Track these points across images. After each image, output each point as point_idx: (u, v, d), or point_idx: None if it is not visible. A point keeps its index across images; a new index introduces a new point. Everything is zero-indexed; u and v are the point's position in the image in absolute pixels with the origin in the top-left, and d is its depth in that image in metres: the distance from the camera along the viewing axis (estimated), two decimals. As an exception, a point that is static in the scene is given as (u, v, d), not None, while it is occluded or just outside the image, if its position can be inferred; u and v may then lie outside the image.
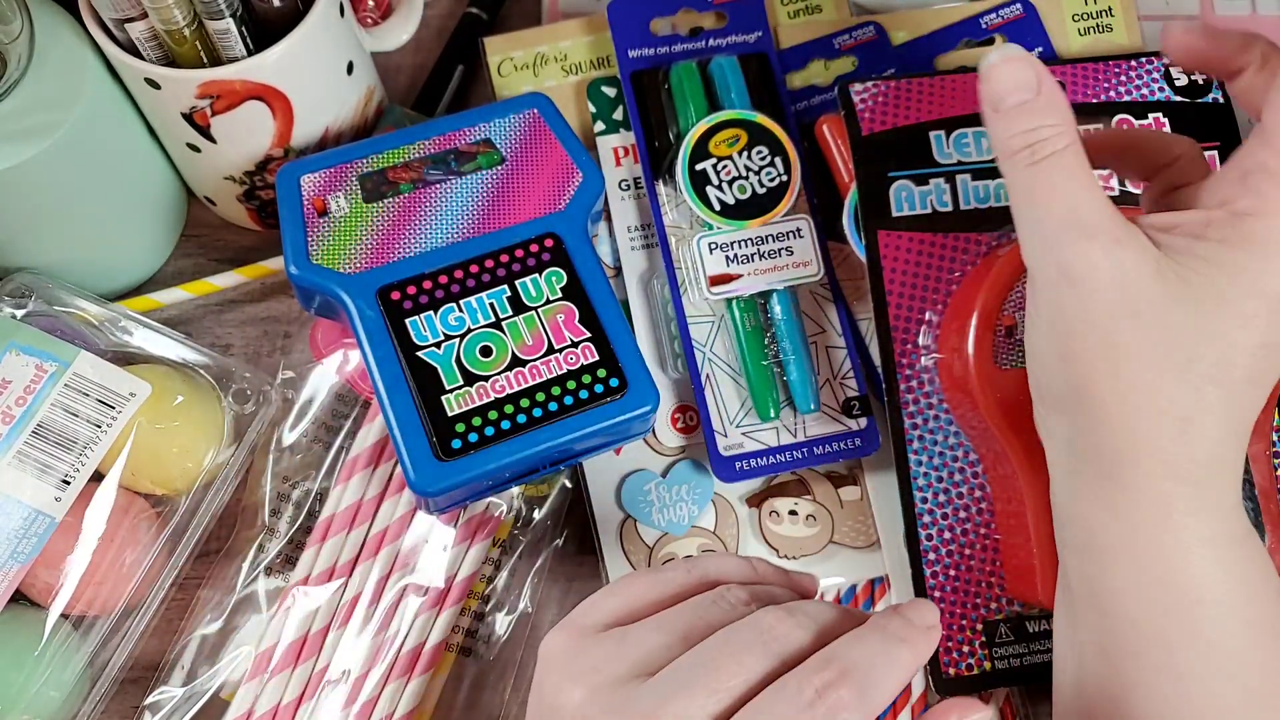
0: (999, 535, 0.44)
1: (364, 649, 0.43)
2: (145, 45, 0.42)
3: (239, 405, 0.45)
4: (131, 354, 0.45)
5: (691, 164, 0.46)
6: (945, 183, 0.45)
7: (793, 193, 0.46)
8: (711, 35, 0.49)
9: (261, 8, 0.43)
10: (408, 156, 0.43)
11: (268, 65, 0.42)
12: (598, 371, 0.40)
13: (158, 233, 0.51)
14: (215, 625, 0.43)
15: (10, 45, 0.40)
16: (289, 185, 0.43)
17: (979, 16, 0.50)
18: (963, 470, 0.44)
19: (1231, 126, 0.47)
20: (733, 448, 0.45)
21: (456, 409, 0.39)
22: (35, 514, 0.41)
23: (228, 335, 0.50)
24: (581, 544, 0.47)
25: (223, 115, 0.44)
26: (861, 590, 0.45)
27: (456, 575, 0.44)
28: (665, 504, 0.45)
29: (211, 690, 0.42)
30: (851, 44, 0.50)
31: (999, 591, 0.44)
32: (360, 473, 0.44)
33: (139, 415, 0.43)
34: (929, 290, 0.45)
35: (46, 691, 0.41)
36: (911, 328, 0.45)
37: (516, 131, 0.44)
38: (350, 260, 0.41)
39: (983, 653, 0.43)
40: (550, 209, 0.43)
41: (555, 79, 0.50)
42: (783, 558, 0.45)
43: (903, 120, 0.46)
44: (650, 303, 0.47)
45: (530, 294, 0.41)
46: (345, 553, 0.43)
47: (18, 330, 0.43)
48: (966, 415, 0.43)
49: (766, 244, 0.46)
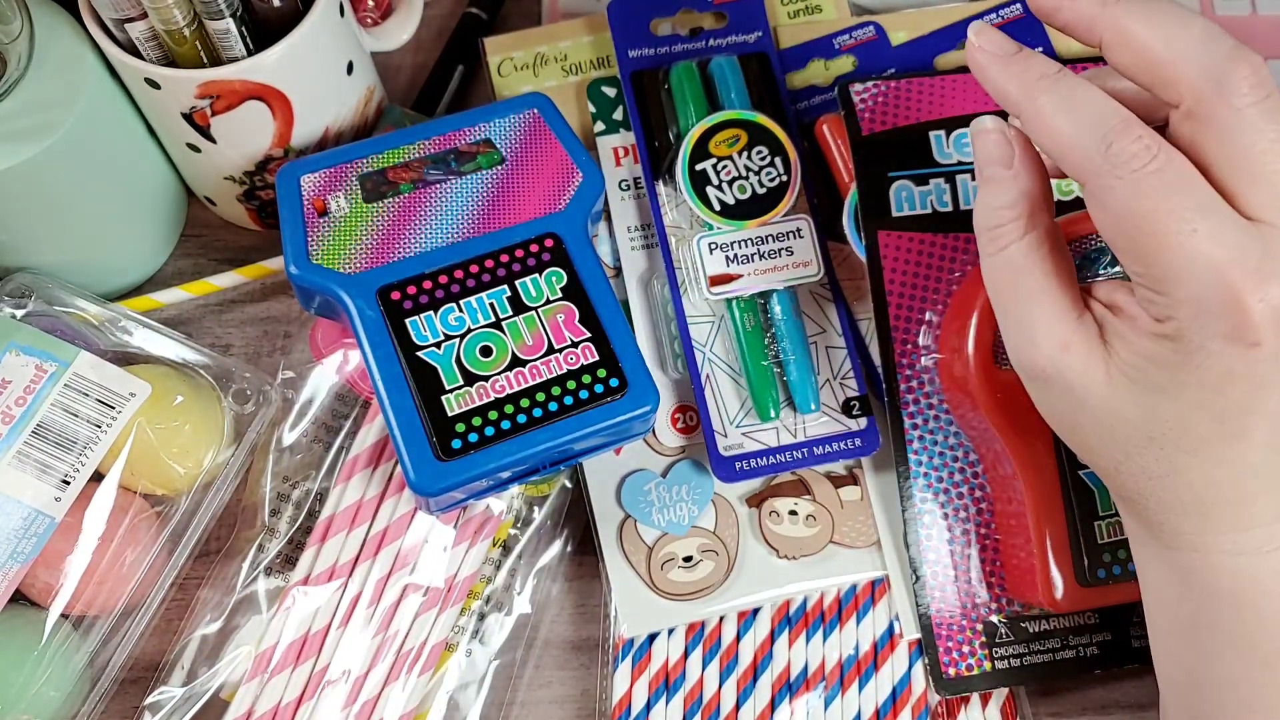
0: (999, 535, 0.44)
1: (364, 649, 0.43)
2: (145, 45, 0.42)
3: (239, 405, 0.45)
4: (131, 354, 0.45)
5: (691, 164, 0.46)
6: (945, 183, 0.45)
7: (793, 193, 0.46)
8: (711, 35, 0.49)
9: (261, 8, 0.43)
10: (408, 156, 0.43)
11: (268, 65, 0.42)
12: (598, 371, 0.40)
13: (158, 233, 0.51)
14: (215, 625, 0.43)
15: (10, 45, 0.40)
16: (289, 185, 0.42)
17: (979, 17, 0.50)
18: (963, 470, 0.44)
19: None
20: (733, 448, 0.45)
21: (456, 409, 0.39)
22: (35, 514, 0.41)
23: (228, 335, 0.50)
24: (581, 544, 0.47)
25: (223, 115, 0.44)
26: (861, 590, 0.45)
27: (456, 575, 0.44)
28: (665, 504, 0.45)
29: (211, 690, 0.42)
30: (851, 44, 0.50)
31: (999, 591, 0.44)
32: (360, 473, 0.44)
33: (139, 415, 0.43)
34: (929, 290, 0.45)
35: (46, 691, 0.41)
36: (911, 328, 0.45)
37: (516, 131, 0.44)
38: (350, 260, 0.41)
39: (983, 653, 0.43)
40: (550, 209, 0.43)
41: (555, 79, 0.50)
42: (783, 558, 0.45)
43: (903, 120, 0.46)
44: (650, 303, 0.47)
45: (530, 294, 0.41)
46: (345, 553, 0.43)
47: (18, 330, 0.43)
48: (966, 415, 0.43)
49: (766, 244, 0.46)
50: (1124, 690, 0.45)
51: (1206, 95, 0.31)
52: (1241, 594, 0.33)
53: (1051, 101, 0.32)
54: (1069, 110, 0.32)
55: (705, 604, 0.44)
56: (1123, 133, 0.31)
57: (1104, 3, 0.32)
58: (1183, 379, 0.31)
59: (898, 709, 0.44)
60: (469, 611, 0.44)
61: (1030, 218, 0.34)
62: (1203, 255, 0.30)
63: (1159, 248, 0.30)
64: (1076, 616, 0.44)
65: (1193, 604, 0.34)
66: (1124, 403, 0.33)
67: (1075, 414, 0.34)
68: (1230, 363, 0.31)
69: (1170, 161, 0.30)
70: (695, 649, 0.44)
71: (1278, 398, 0.31)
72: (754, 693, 0.44)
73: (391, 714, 0.42)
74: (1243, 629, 0.33)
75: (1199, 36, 0.31)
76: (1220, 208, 0.30)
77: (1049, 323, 0.34)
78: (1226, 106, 0.30)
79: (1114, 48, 0.32)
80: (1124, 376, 0.33)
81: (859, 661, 0.44)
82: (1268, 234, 0.30)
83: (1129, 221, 0.31)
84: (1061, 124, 0.32)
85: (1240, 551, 0.33)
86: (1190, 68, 0.31)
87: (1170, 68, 0.31)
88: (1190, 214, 0.30)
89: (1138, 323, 0.32)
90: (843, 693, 0.44)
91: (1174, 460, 0.33)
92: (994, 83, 0.34)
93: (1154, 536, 0.35)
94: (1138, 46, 0.32)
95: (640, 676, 0.44)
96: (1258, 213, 0.30)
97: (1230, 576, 0.33)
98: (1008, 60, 0.33)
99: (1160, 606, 0.36)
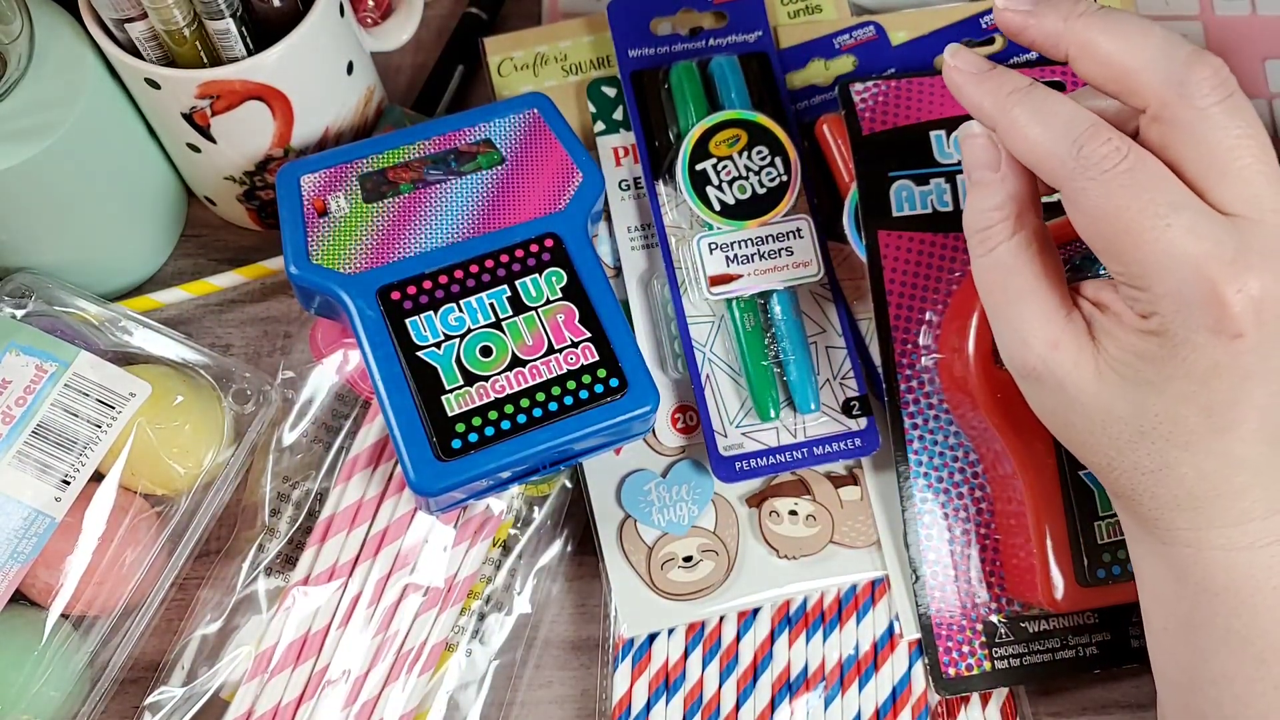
0: (999, 535, 0.44)
1: (364, 649, 0.43)
2: (145, 45, 0.42)
3: (239, 405, 0.45)
4: (131, 354, 0.45)
5: (691, 164, 0.46)
6: (945, 183, 0.45)
7: (793, 193, 0.46)
8: (711, 35, 0.49)
9: (261, 8, 0.43)
10: (408, 156, 0.43)
11: (268, 65, 0.42)
12: (598, 371, 0.40)
13: (158, 233, 0.51)
14: (215, 625, 0.43)
15: (10, 45, 0.40)
16: (289, 185, 0.42)
17: (979, 16, 0.50)
18: (963, 470, 0.44)
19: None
20: (733, 448, 0.45)
21: (456, 409, 0.39)
22: (35, 514, 0.41)
23: (228, 335, 0.50)
24: (581, 544, 0.47)
25: (223, 115, 0.44)
26: (861, 590, 0.45)
27: (456, 575, 0.44)
28: (665, 504, 0.45)
29: (211, 690, 0.42)
30: (851, 44, 0.50)
31: (999, 591, 0.44)
32: (360, 473, 0.44)
33: (139, 415, 0.43)
34: (929, 290, 0.45)
35: (46, 691, 0.41)
36: (911, 328, 0.45)
37: (516, 131, 0.44)
38: (350, 260, 0.41)
39: (983, 653, 0.43)
40: (550, 209, 0.43)
41: (555, 79, 0.50)
42: (783, 558, 0.45)
43: (903, 120, 0.46)
44: (650, 303, 0.47)
45: (530, 294, 0.41)
46: (345, 553, 0.43)
47: (18, 330, 0.43)
48: (966, 415, 0.43)
49: (766, 244, 0.46)
50: (1123, 690, 0.45)
51: (1170, 99, 0.32)
52: (1235, 590, 0.33)
53: (1024, 113, 0.33)
54: (1041, 120, 0.33)
55: (705, 604, 0.44)
56: (1092, 136, 0.32)
57: (1066, 17, 0.33)
58: (1169, 373, 0.32)
59: (898, 709, 0.44)
60: (469, 611, 0.44)
61: (1018, 219, 0.35)
62: (1179, 249, 0.30)
63: (1135, 244, 0.31)
64: (1076, 616, 0.44)
65: (1188, 601, 0.34)
66: (1114, 398, 0.33)
67: (1067, 412, 0.35)
68: (1215, 355, 0.31)
69: (1141, 160, 0.31)
70: (695, 649, 0.44)
71: (1263, 389, 0.32)
72: (754, 693, 0.44)
73: (391, 714, 0.42)
74: (1237, 625, 0.33)
75: (1159, 44, 0.32)
76: (1193, 202, 0.31)
77: (1038, 321, 0.34)
78: (1190, 108, 0.31)
79: (1080, 60, 0.33)
80: (1113, 372, 0.33)
81: (859, 661, 0.44)
82: (1242, 226, 0.31)
83: (1104, 222, 0.31)
84: (1035, 133, 0.33)
85: (1233, 547, 0.33)
86: (1153, 74, 0.32)
87: (1134, 75, 0.32)
88: (1164, 209, 0.31)
89: (1123, 319, 0.33)
90: (843, 693, 0.44)
91: (1165, 454, 0.33)
92: (970, 99, 0.35)
93: (1149, 533, 0.35)
94: (1101, 57, 0.33)
95: (640, 676, 0.44)
96: (1230, 206, 0.31)
97: (1224, 572, 0.33)
98: (982, 77, 0.35)
99: (1156, 603, 0.36)
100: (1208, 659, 0.34)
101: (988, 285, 0.36)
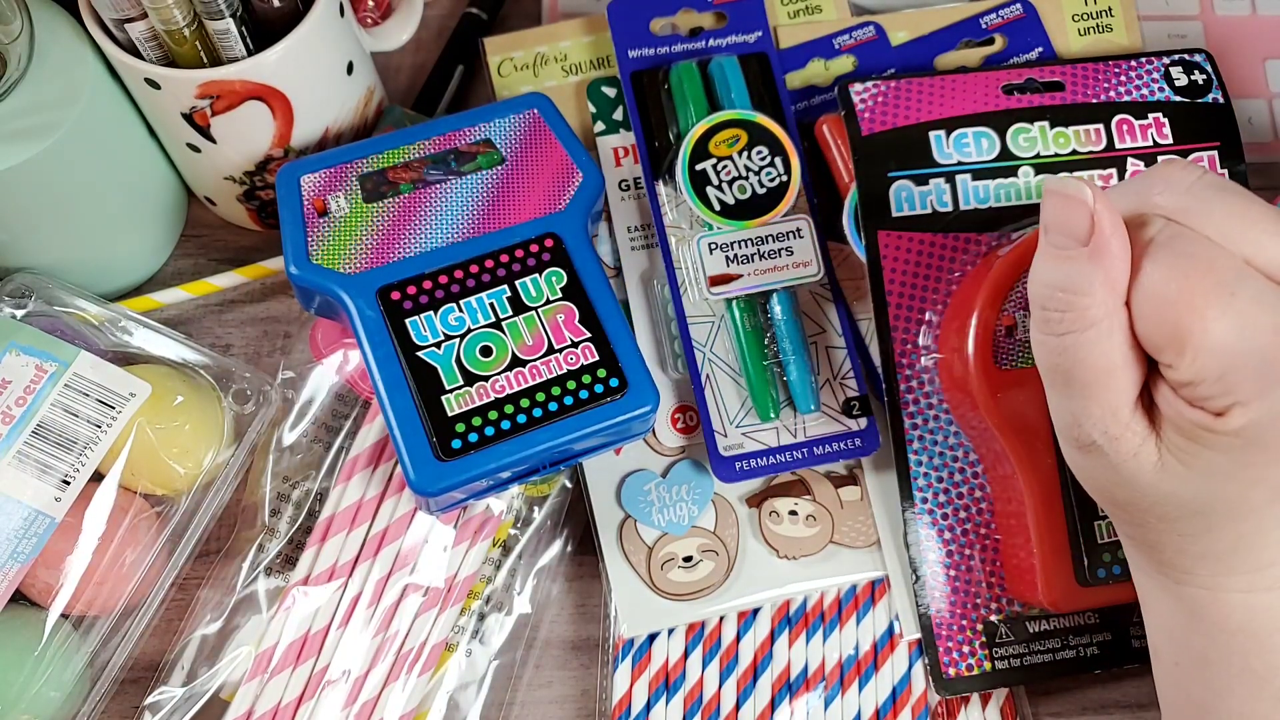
0: (999, 535, 0.44)
1: (364, 649, 0.43)
2: (145, 45, 0.42)
3: (239, 405, 0.45)
4: (131, 354, 0.45)
5: (691, 164, 0.46)
6: (945, 183, 0.45)
7: (793, 193, 0.46)
8: (711, 35, 0.49)
9: (261, 8, 0.43)
10: (408, 156, 0.43)
11: (268, 65, 0.42)
12: (598, 371, 0.40)
13: (158, 233, 0.51)
14: (215, 625, 0.43)
15: (10, 45, 0.40)
16: (289, 185, 0.42)
17: (979, 16, 0.50)
18: (963, 470, 0.44)
19: (1231, 126, 0.47)
20: (733, 448, 0.45)
21: (456, 409, 0.39)
22: (35, 514, 0.41)
23: (228, 335, 0.50)
24: (581, 544, 0.47)
25: (223, 115, 0.44)
26: (861, 590, 0.45)
27: (456, 575, 0.44)
28: (665, 504, 0.45)
29: (211, 690, 0.42)
30: (851, 44, 0.50)
31: (999, 591, 0.44)
32: (360, 473, 0.44)
33: (139, 415, 0.43)
34: (929, 290, 0.45)
35: (46, 691, 0.41)
36: (911, 328, 0.45)
37: (516, 131, 0.44)
38: (350, 260, 0.41)
39: (983, 653, 0.43)
40: (550, 209, 0.43)
41: (555, 79, 0.50)
42: (783, 558, 0.45)
43: (903, 120, 0.46)
44: (650, 303, 0.47)
45: (530, 294, 0.41)
46: (345, 553, 0.43)
47: (18, 330, 0.43)
48: (966, 415, 0.43)
49: (766, 244, 0.46)
50: (1124, 690, 0.45)
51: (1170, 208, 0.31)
52: (1253, 631, 0.32)
53: None
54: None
55: (705, 604, 0.44)
56: None
57: None
58: (1246, 459, 0.30)
59: (898, 709, 0.44)
60: (469, 611, 0.44)
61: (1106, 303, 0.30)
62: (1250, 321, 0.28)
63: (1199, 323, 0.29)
64: (1076, 616, 0.44)
65: (1202, 637, 0.33)
66: (1176, 486, 0.31)
67: (1113, 486, 0.33)
68: None
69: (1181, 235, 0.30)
70: (695, 649, 0.44)
71: None
72: (754, 693, 0.44)
73: (391, 714, 0.42)
74: (1253, 664, 0.33)
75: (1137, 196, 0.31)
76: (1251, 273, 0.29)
77: (1100, 412, 0.32)
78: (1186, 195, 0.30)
79: None
80: (1179, 464, 0.31)
81: (859, 661, 0.44)
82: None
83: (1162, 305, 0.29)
84: None
85: (1252, 589, 0.32)
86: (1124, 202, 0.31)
87: None
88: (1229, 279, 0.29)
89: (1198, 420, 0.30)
90: (843, 693, 0.44)
91: (1212, 523, 0.32)
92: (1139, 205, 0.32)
93: (1161, 573, 0.34)
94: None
95: (640, 676, 0.44)
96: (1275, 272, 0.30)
97: (1242, 613, 0.33)
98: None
99: (1167, 638, 0.35)
100: (1223, 696, 0.34)
101: (1050, 365, 0.32)
